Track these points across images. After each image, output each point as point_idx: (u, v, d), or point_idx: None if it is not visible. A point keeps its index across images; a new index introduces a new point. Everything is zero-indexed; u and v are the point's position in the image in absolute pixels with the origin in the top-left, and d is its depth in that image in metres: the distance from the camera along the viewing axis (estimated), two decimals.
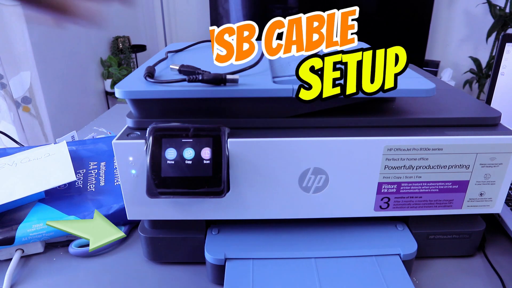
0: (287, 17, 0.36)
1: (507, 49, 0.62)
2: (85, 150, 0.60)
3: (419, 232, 0.44)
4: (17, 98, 1.38)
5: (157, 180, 0.38)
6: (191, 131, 0.38)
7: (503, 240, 0.49)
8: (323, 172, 0.40)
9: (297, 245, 0.43)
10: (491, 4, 2.14)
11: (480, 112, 0.43)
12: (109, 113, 1.06)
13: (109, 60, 2.24)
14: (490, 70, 1.22)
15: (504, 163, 0.40)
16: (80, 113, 2.04)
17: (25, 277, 0.45)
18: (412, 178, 0.40)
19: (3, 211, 0.49)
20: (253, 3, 2.44)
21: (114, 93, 0.39)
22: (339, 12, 0.36)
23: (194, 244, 0.43)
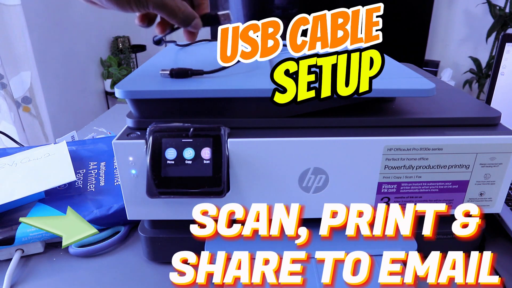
0: (312, 14, 0.36)
1: (507, 49, 0.62)
2: (85, 150, 0.60)
3: (419, 232, 0.44)
4: (17, 98, 1.38)
5: (157, 180, 0.38)
6: (191, 131, 0.38)
7: (503, 240, 0.49)
8: (323, 172, 0.40)
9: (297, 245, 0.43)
10: (491, 4, 2.14)
11: (480, 112, 0.43)
12: (109, 113, 1.06)
13: (109, 60, 2.24)
14: (490, 70, 1.22)
15: (504, 163, 0.40)
16: (80, 113, 2.04)
17: (25, 277, 0.45)
18: (412, 178, 0.40)
19: (3, 211, 0.49)
20: (253, 3, 2.44)
21: (114, 93, 0.39)
22: (363, 8, 0.36)
23: (194, 244, 0.43)
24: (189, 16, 0.39)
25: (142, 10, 0.37)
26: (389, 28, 0.46)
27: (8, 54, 1.32)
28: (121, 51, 2.31)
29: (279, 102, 0.36)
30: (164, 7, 0.37)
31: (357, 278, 0.39)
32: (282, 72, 0.35)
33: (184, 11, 0.38)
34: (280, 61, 0.35)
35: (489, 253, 0.39)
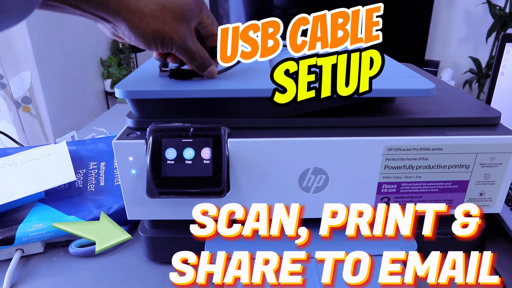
0: (312, 14, 0.36)
1: (507, 49, 0.62)
2: (85, 150, 0.60)
3: (419, 232, 0.44)
4: (17, 98, 1.38)
5: (157, 180, 0.38)
6: (191, 131, 0.38)
7: (503, 240, 0.49)
8: (323, 172, 0.40)
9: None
10: (491, 4, 2.14)
11: (480, 112, 0.43)
12: (109, 113, 1.06)
13: (109, 60, 2.24)
14: (490, 70, 1.22)
15: (504, 163, 0.40)
16: (80, 113, 2.04)
17: (25, 277, 0.45)
18: (412, 178, 0.40)
19: (3, 211, 0.49)
20: (253, 3, 2.44)
21: (114, 93, 0.39)
22: (363, 8, 0.36)
23: (194, 244, 0.43)
24: (205, 63, 0.41)
25: (165, 50, 0.38)
26: (389, 28, 0.46)
27: (8, 54, 1.32)
28: (121, 51, 2.31)
29: (279, 102, 0.36)
30: (186, 51, 0.39)
31: (357, 278, 0.39)
32: (282, 72, 0.35)
33: (202, 56, 0.40)
34: (280, 61, 0.35)
35: (489, 253, 0.39)
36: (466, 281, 0.38)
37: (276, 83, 0.36)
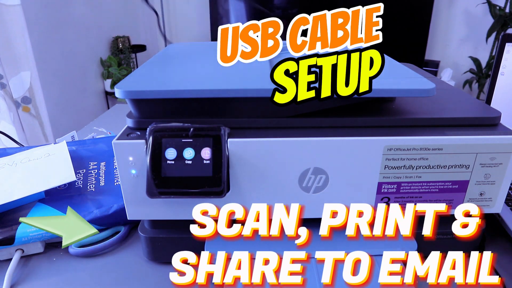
0: (312, 14, 0.36)
1: (507, 49, 0.62)
2: (85, 150, 0.60)
3: (419, 232, 0.44)
4: (17, 98, 1.38)
5: (157, 180, 0.38)
6: (191, 131, 0.38)
7: (503, 240, 0.49)
8: (323, 172, 0.40)
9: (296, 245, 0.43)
10: (491, 4, 2.14)
11: (480, 112, 0.43)
12: (109, 113, 1.06)
13: (109, 60, 2.24)
14: (490, 70, 1.22)
15: (504, 163, 0.40)
16: (80, 113, 2.04)
17: (25, 277, 0.45)
18: (412, 178, 0.40)
19: (3, 211, 0.49)
20: (253, 3, 2.44)
21: (114, 93, 0.39)
22: (363, 8, 0.36)
23: (194, 244, 0.43)
24: None
25: None
26: (389, 28, 0.46)
27: (8, 54, 1.32)
28: (121, 51, 2.31)
29: (279, 102, 0.36)
30: None
31: (357, 278, 0.39)
32: (282, 72, 0.35)
33: None
34: (280, 61, 0.35)
35: (489, 253, 0.39)
36: (466, 281, 0.38)
37: (276, 83, 0.36)
